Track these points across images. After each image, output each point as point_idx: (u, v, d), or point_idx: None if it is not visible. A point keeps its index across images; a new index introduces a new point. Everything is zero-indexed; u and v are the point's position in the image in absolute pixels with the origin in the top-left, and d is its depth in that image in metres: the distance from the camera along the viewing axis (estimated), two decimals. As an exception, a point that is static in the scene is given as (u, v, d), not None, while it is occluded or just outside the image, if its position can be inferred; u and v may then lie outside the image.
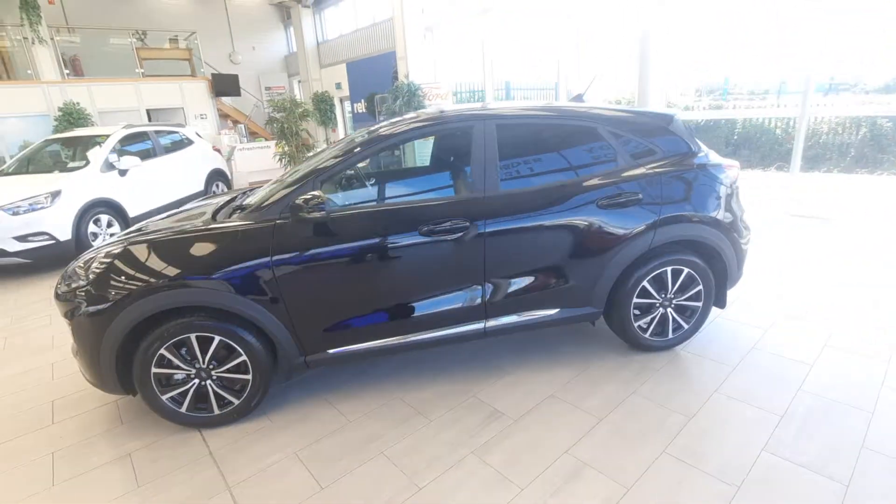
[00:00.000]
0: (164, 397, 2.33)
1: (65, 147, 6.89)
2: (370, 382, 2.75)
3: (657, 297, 2.75)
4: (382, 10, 11.91)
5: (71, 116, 10.12)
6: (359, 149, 2.47)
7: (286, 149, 9.14)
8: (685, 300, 2.81)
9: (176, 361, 2.29)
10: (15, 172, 6.28)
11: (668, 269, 2.70)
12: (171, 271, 2.23)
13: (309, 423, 2.43)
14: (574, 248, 2.57)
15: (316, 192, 2.27)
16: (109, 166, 6.35)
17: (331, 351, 2.48)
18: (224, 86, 12.55)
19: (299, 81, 15.68)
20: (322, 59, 14.33)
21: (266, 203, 2.38)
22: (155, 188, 7.01)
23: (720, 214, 2.72)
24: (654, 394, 2.49)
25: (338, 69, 13.50)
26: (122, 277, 2.23)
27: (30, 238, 5.37)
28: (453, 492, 1.94)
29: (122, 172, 6.46)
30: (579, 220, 2.54)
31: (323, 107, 13.92)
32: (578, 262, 2.60)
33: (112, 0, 12.70)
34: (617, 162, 2.67)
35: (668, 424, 2.25)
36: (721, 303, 2.96)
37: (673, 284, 2.74)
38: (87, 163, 6.21)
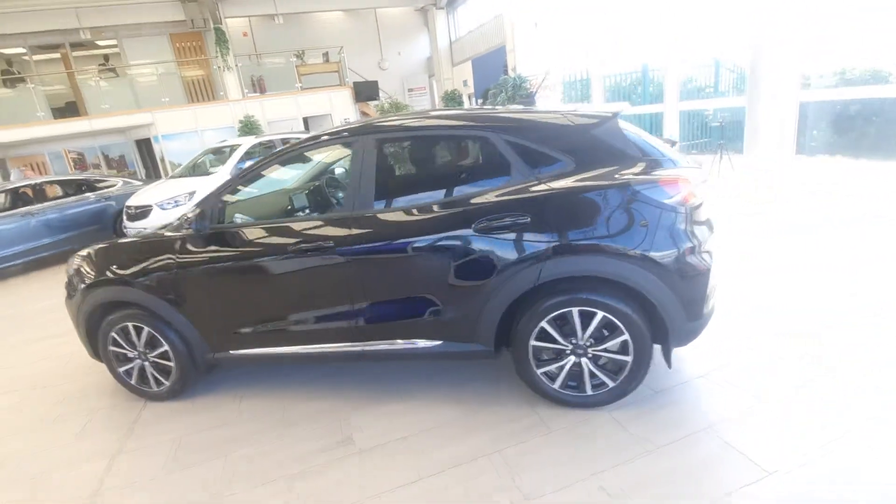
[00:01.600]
0: (119, 370, 2.91)
1: (215, 156, 8.67)
2: (291, 386, 2.91)
3: (563, 342, 2.26)
4: (500, 3, 11.73)
5: (247, 126, 12.60)
6: (249, 171, 2.65)
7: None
8: (606, 352, 2.25)
9: (123, 344, 2.83)
10: (180, 176, 8.19)
11: (574, 310, 2.20)
12: (120, 272, 2.76)
13: (210, 413, 2.74)
14: (448, 277, 2.29)
15: (192, 212, 2.54)
16: (237, 171, 7.80)
17: (232, 352, 2.73)
18: (365, 91, 14.01)
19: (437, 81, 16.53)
20: (454, 58, 14.82)
21: (182, 216, 2.74)
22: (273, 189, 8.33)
23: (652, 247, 2.09)
24: (516, 461, 2.08)
25: (465, 66, 13.81)
26: (81, 275, 2.86)
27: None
28: (240, 509, 2.01)
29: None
30: (452, 246, 2.26)
31: (452, 105, 14.38)
32: (454, 293, 2.31)
33: (286, 27, 15.23)
34: (511, 177, 2.27)
35: None
36: (667, 361, 2.29)
37: (583, 330, 2.22)
38: (221, 168, 7.75)
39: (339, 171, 3.59)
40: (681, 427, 2.17)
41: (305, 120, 13.87)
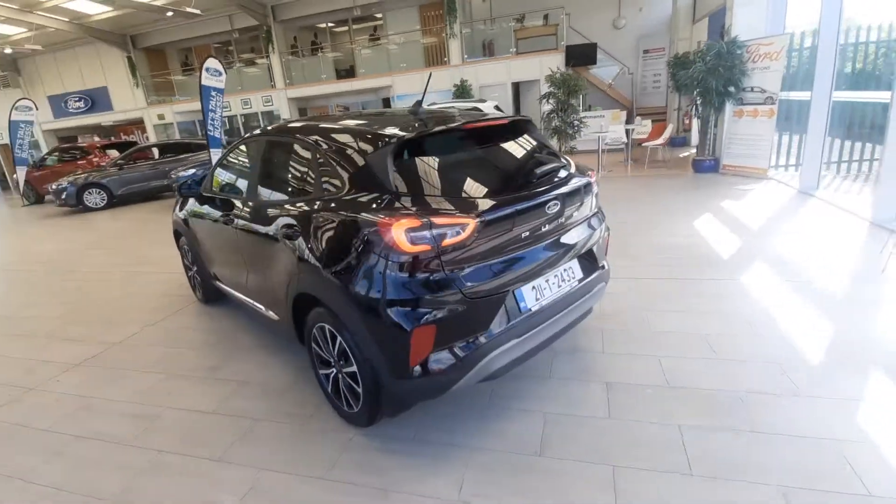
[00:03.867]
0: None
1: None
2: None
3: (326, 353, 2.37)
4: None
5: (460, 91, 13.76)
6: (225, 153, 3.45)
7: (555, 123, 9.22)
8: (347, 375, 2.26)
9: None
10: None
11: (326, 326, 2.27)
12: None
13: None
14: (270, 263, 2.66)
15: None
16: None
17: (216, 282, 3.77)
18: (579, 56, 13.17)
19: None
20: (696, 13, 12.19)
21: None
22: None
23: (357, 285, 1.99)
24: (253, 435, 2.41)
25: (701, 25, 11.31)
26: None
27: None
28: None
29: (411, 138, 9.00)
30: (269, 239, 2.60)
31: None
32: (271, 280, 2.69)
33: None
34: (307, 191, 2.43)
35: None
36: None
37: (333, 347, 2.28)
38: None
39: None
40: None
41: (516, 85, 14.14)
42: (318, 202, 2.28)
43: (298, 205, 2.41)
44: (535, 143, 2.62)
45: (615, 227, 5.58)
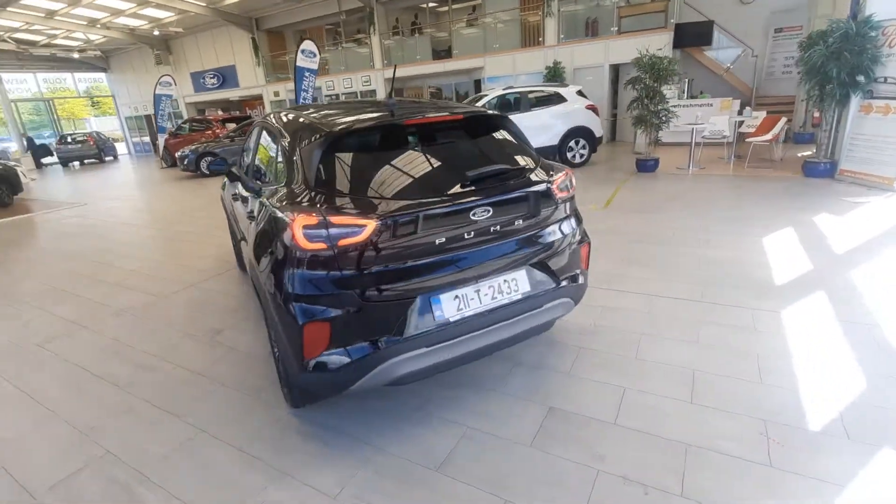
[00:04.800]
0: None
1: (476, 104, 9.83)
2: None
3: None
4: None
5: (551, 73, 13.11)
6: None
7: (635, 112, 8.31)
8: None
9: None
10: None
11: None
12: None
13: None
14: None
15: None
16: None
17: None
18: (691, 35, 11.73)
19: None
20: (848, -16, 10.05)
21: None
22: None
23: (274, 276, 2.05)
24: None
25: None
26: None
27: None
28: None
29: (481, 123, 8.84)
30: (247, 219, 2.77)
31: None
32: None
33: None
34: (269, 180, 2.56)
35: None
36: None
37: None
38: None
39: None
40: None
41: (615, 67, 13.07)
42: (267, 191, 2.39)
43: (262, 191, 2.53)
44: (498, 141, 2.44)
45: (665, 231, 5.05)
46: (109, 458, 2.26)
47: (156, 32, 19.73)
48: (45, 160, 20.78)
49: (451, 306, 2.08)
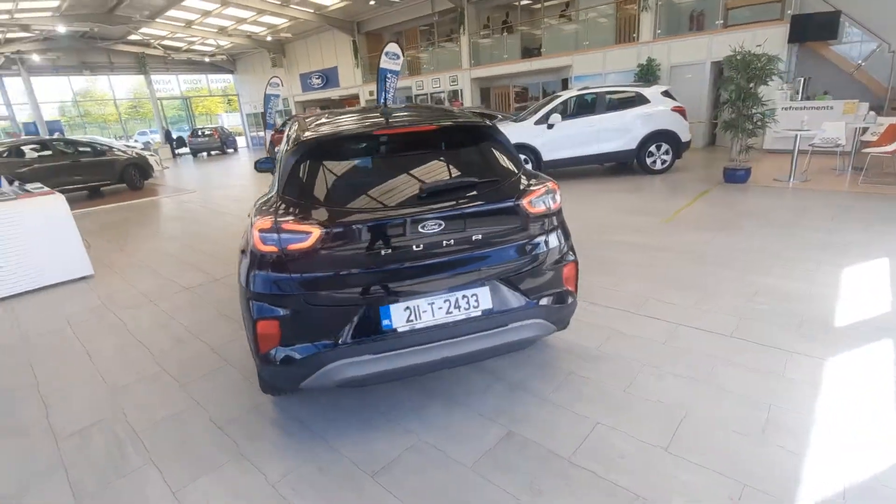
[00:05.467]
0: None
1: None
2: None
3: None
4: None
5: (644, 71, 12.24)
6: None
7: (725, 116, 7.35)
8: None
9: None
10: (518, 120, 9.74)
11: None
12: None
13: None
14: None
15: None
16: (544, 120, 8.61)
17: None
18: (811, 28, 10.19)
19: None
20: None
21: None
22: (575, 141, 8.61)
23: None
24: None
25: None
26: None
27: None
28: None
29: (550, 126, 8.56)
30: None
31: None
32: None
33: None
34: None
35: None
36: None
37: None
38: (530, 116, 8.76)
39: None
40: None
41: (718, 65, 11.82)
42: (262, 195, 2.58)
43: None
44: (476, 152, 2.39)
45: (726, 253, 4.48)
46: (120, 416, 2.63)
47: (269, 38, 21.88)
48: (180, 150, 24.12)
49: (400, 317, 2.09)
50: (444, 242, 2.10)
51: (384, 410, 2.52)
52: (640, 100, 8.73)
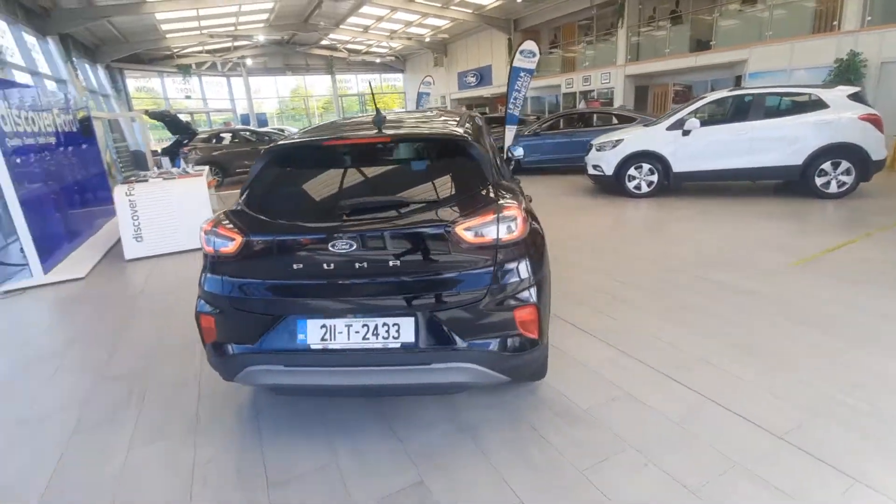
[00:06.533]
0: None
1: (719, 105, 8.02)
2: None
3: None
4: None
5: (844, 68, 9.69)
6: None
7: None
8: None
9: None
10: (651, 124, 8.61)
11: None
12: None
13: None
14: None
15: None
16: (678, 125, 7.43)
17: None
18: None
19: None
20: None
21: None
22: (717, 151, 7.22)
23: None
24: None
25: None
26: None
27: (597, 167, 8.18)
28: None
29: (686, 132, 7.36)
30: None
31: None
32: None
33: None
34: None
35: None
36: None
37: None
38: (661, 120, 7.65)
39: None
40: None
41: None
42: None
43: None
44: (432, 168, 2.19)
45: (854, 317, 3.27)
46: (138, 388, 3.06)
47: (427, 39, 23.24)
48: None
49: (316, 334, 2.04)
50: (358, 265, 1.97)
51: (328, 421, 2.50)
52: (815, 104, 6.93)
